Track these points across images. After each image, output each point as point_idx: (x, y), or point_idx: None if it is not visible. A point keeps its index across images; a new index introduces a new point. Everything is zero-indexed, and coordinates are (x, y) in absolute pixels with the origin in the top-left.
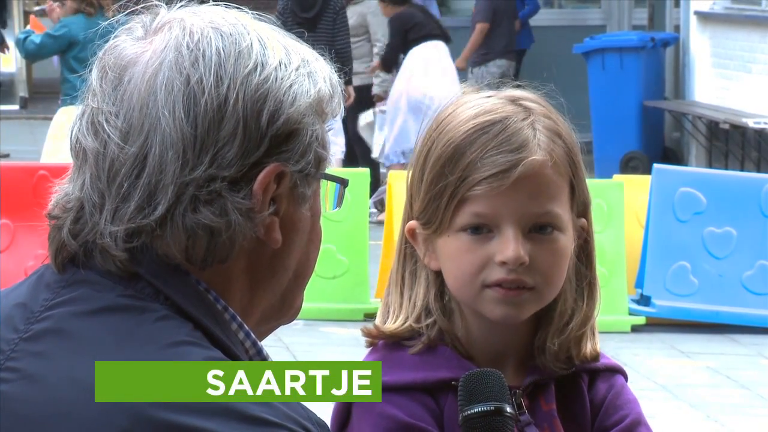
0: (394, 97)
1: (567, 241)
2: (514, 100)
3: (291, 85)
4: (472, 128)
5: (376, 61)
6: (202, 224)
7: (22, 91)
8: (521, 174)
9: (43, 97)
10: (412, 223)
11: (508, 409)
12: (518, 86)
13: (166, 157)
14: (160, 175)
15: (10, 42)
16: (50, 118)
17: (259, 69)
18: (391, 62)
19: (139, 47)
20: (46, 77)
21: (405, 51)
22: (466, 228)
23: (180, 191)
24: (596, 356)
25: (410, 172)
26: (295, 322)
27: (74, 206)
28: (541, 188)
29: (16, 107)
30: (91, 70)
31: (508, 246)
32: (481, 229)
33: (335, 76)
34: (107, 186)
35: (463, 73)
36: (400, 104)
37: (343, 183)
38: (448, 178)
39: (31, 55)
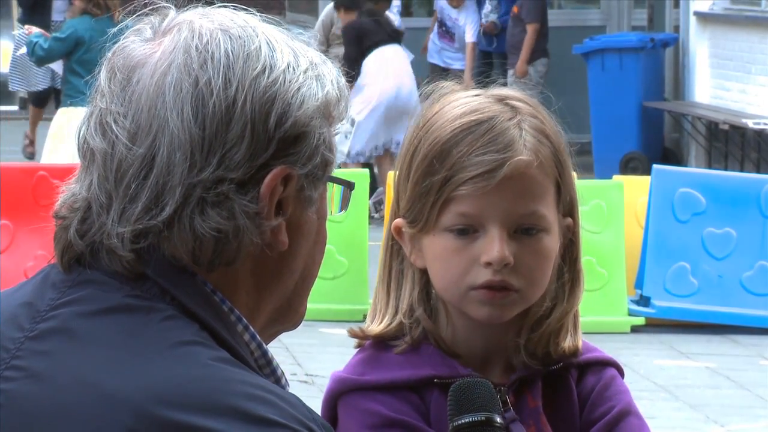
0: (364, 102)
1: (552, 241)
2: (501, 99)
3: (299, 88)
4: (458, 127)
5: None
6: (210, 226)
7: (21, 92)
8: (507, 174)
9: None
10: (399, 221)
11: (498, 420)
12: (505, 84)
13: (174, 158)
14: (168, 176)
15: (8, 42)
16: (49, 119)
17: (267, 71)
18: (356, 74)
19: (147, 48)
20: None
21: (362, 59)
22: (451, 228)
23: (188, 192)
24: (575, 351)
25: (397, 170)
26: None
27: (81, 206)
28: (526, 188)
29: (15, 108)
30: (99, 71)
31: (493, 246)
32: (467, 230)
33: (342, 80)
34: (114, 186)
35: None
36: (371, 107)
37: (348, 186)
38: (434, 178)
39: (42, 60)
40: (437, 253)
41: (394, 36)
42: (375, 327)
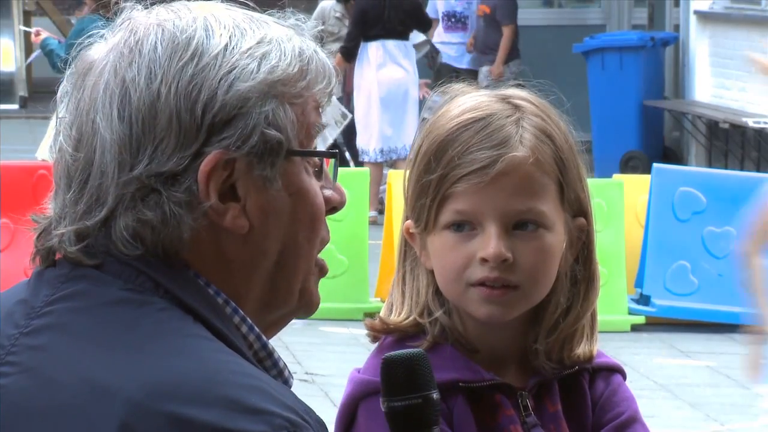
0: (363, 94)
1: (554, 239)
2: (504, 98)
3: (231, 70)
4: (456, 125)
5: None
6: (140, 220)
7: (21, 91)
8: (501, 170)
9: (42, 97)
10: (408, 222)
11: (435, 396)
12: (519, 85)
13: (105, 159)
14: (102, 178)
15: (9, 41)
16: (50, 118)
17: (196, 59)
18: (351, 51)
19: (95, 51)
20: (46, 76)
21: (361, 41)
22: (449, 226)
23: (121, 191)
24: (590, 358)
25: (406, 171)
26: (294, 321)
27: (49, 215)
28: (522, 185)
29: (15, 107)
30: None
31: (489, 243)
32: (464, 227)
33: (315, 55)
34: (64, 194)
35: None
36: (360, 101)
37: (328, 156)
38: (431, 176)
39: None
40: (437, 251)
41: (401, 29)
42: (395, 318)
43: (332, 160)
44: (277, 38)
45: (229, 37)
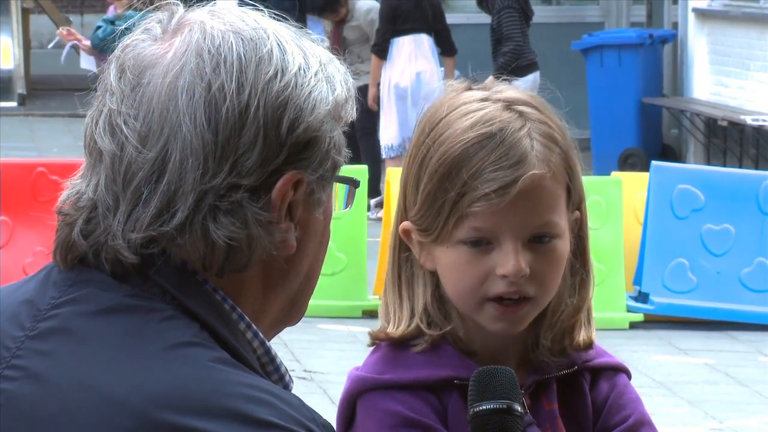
0: (384, 89)
1: (564, 245)
2: (507, 105)
3: (311, 92)
4: (468, 141)
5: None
6: (225, 234)
7: (20, 88)
8: (521, 189)
9: (41, 94)
10: (407, 224)
11: (518, 408)
12: (505, 80)
13: (187, 163)
14: (180, 181)
15: (8, 39)
16: (48, 115)
17: (279, 75)
18: (382, 48)
19: (158, 48)
20: (45, 74)
21: (391, 38)
22: (465, 241)
23: (199, 198)
24: (590, 344)
25: (403, 173)
26: None
27: (87, 206)
28: (540, 200)
29: (14, 104)
30: (107, 68)
31: (509, 259)
32: (481, 242)
33: (350, 78)
34: (122, 189)
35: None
36: (390, 96)
37: (354, 184)
38: (447, 194)
39: (96, 47)
40: (451, 264)
41: (431, 22)
42: (395, 331)
43: (346, 189)
44: (326, 61)
45: (303, 57)
